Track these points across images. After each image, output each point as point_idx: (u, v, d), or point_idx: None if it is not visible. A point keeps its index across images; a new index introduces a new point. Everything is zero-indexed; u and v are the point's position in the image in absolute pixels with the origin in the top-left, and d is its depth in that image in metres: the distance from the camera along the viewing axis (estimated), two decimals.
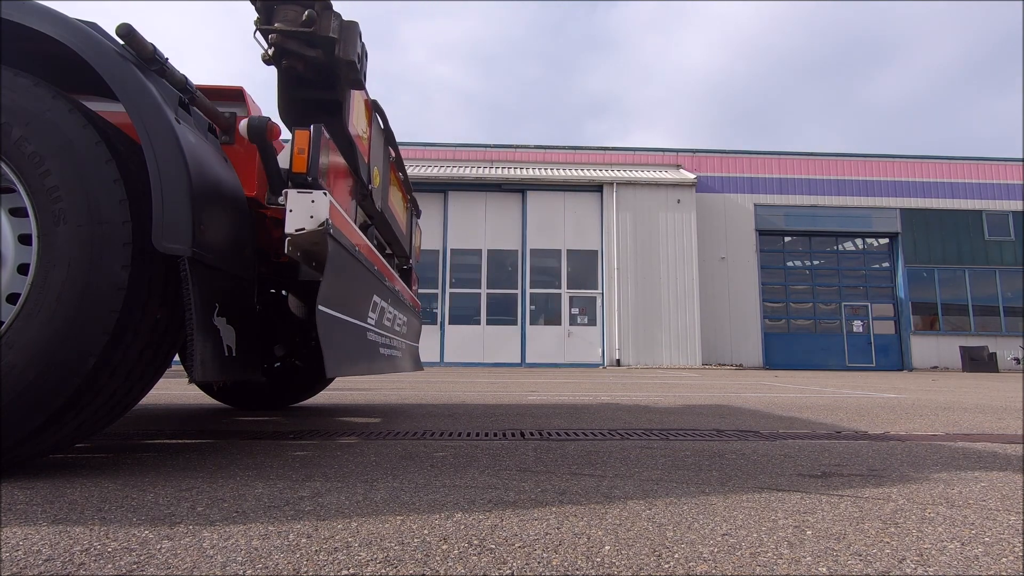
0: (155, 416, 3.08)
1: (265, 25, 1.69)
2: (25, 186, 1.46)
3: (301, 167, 1.65)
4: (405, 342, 3.28)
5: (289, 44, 1.69)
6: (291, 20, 1.68)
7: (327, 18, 1.70)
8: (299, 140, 1.66)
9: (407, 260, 3.67)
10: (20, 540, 1.02)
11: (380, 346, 2.47)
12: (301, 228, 1.61)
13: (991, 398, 5.11)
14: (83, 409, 1.49)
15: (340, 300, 1.80)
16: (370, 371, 2.22)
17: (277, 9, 1.68)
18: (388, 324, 2.70)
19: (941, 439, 2.47)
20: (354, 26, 1.77)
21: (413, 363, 3.58)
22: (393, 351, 2.84)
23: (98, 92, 1.73)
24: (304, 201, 1.62)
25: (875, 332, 18.85)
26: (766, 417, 3.31)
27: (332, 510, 1.25)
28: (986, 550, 1.04)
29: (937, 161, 19.74)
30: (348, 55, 1.76)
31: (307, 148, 1.65)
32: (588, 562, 0.95)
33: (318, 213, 1.62)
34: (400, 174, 3.15)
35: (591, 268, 17.45)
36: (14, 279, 1.50)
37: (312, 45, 1.72)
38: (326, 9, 1.70)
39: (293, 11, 1.68)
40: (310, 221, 1.61)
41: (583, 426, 2.82)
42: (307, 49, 1.72)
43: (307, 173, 1.64)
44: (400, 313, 3.04)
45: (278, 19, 1.68)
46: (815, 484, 1.56)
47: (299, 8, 1.68)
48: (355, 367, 1.94)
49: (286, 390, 3.58)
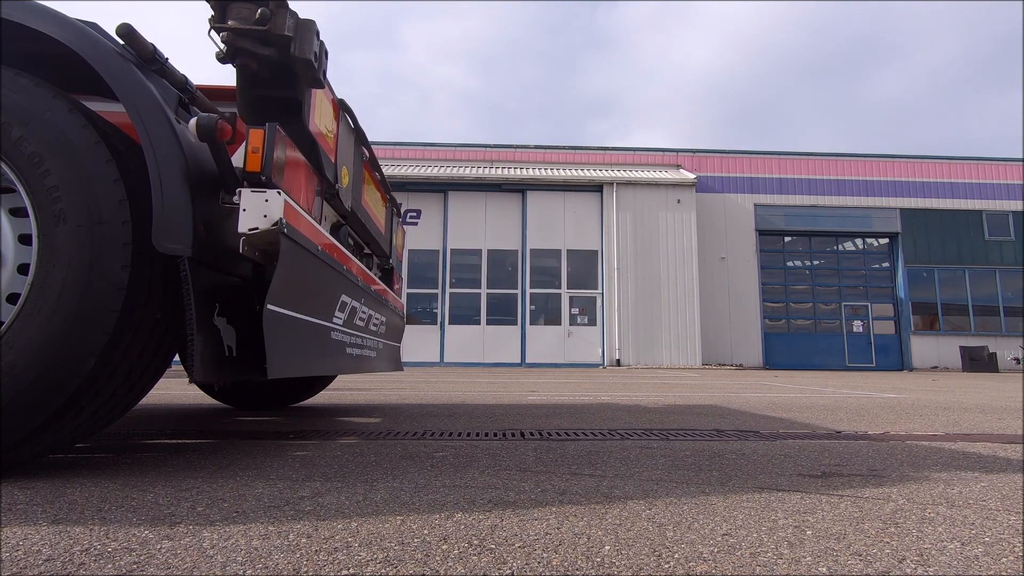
0: (155, 416, 3.08)
1: (219, 23, 1.67)
2: (25, 186, 1.46)
3: (255, 166, 1.63)
4: (382, 341, 3.27)
5: (242, 42, 1.68)
6: (244, 18, 1.67)
7: (282, 16, 1.69)
8: (253, 139, 1.64)
9: (387, 260, 3.65)
10: (20, 540, 1.02)
11: (347, 345, 2.46)
12: (255, 228, 1.59)
13: (991, 398, 5.11)
14: (83, 409, 1.49)
15: (296, 299, 1.78)
16: (332, 370, 2.21)
17: (230, 7, 1.67)
18: (361, 324, 2.69)
19: (941, 439, 2.47)
20: (310, 24, 1.76)
21: (391, 363, 3.56)
22: (365, 350, 2.83)
23: (98, 92, 1.73)
24: (258, 200, 1.61)
25: (875, 332, 18.85)
26: (766, 417, 3.31)
27: (332, 510, 1.25)
28: (986, 550, 1.04)
29: (937, 161, 19.74)
30: (304, 53, 1.75)
31: (261, 147, 1.64)
32: (588, 562, 0.95)
33: (272, 212, 1.61)
34: (376, 174, 3.14)
35: (591, 268, 17.45)
36: (14, 279, 1.50)
37: (267, 43, 1.71)
38: (281, 7, 1.68)
39: (247, 9, 1.67)
40: (264, 220, 1.60)
41: (583, 426, 2.82)
42: (261, 48, 1.70)
43: (261, 172, 1.63)
44: (377, 313, 3.02)
45: (231, 17, 1.67)
46: (815, 484, 1.56)
47: (252, 6, 1.67)
48: (309, 367, 1.93)
49: (286, 390, 3.58)
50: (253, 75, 1.77)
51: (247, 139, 1.64)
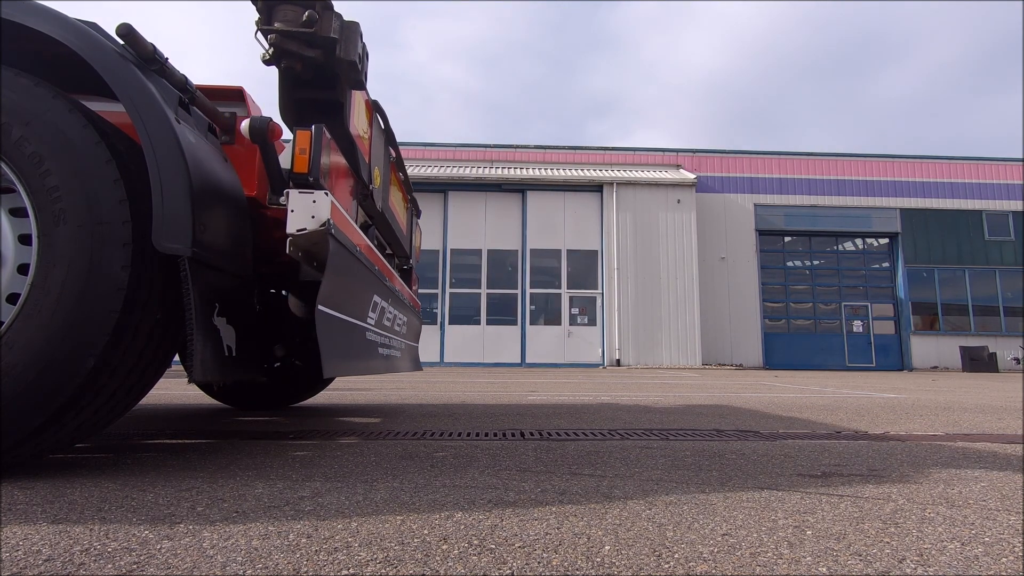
0: (155, 416, 3.08)
1: (266, 25, 1.69)
2: (25, 186, 1.46)
3: (303, 167, 1.65)
4: (405, 342, 3.29)
5: (289, 45, 1.69)
6: (291, 20, 1.68)
7: (328, 18, 1.71)
8: (300, 140, 1.66)
9: (407, 260, 3.67)
10: (20, 540, 1.02)
11: (379, 346, 2.48)
12: (303, 228, 1.61)
13: (991, 398, 5.11)
14: (83, 409, 1.49)
15: (340, 300, 1.80)
16: (368, 371, 2.22)
17: (277, 9, 1.68)
18: (388, 324, 2.71)
19: (941, 439, 2.47)
20: (355, 26, 1.78)
21: (412, 363, 3.58)
22: (392, 351, 2.85)
23: (98, 92, 1.73)
24: (305, 201, 1.63)
25: (875, 332, 18.85)
26: (766, 417, 3.31)
27: (332, 510, 1.25)
28: (986, 550, 1.04)
29: (937, 161, 19.74)
30: (349, 55, 1.76)
31: (308, 148, 1.65)
32: (588, 562, 0.95)
33: (319, 213, 1.62)
34: (400, 174, 3.16)
35: (591, 268, 17.45)
36: (14, 279, 1.50)
37: (312, 45, 1.72)
38: (327, 9, 1.70)
39: (293, 11, 1.68)
40: (311, 221, 1.61)
41: (583, 426, 2.82)
42: (307, 49, 1.72)
43: (308, 173, 1.64)
44: (400, 313, 3.05)
45: (278, 19, 1.68)
46: (815, 484, 1.56)
47: (299, 8, 1.68)
48: (353, 367, 1.95)
49: (286, 390, 3.58)
50: (296, 77, 1.78)
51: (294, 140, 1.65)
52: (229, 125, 2.19)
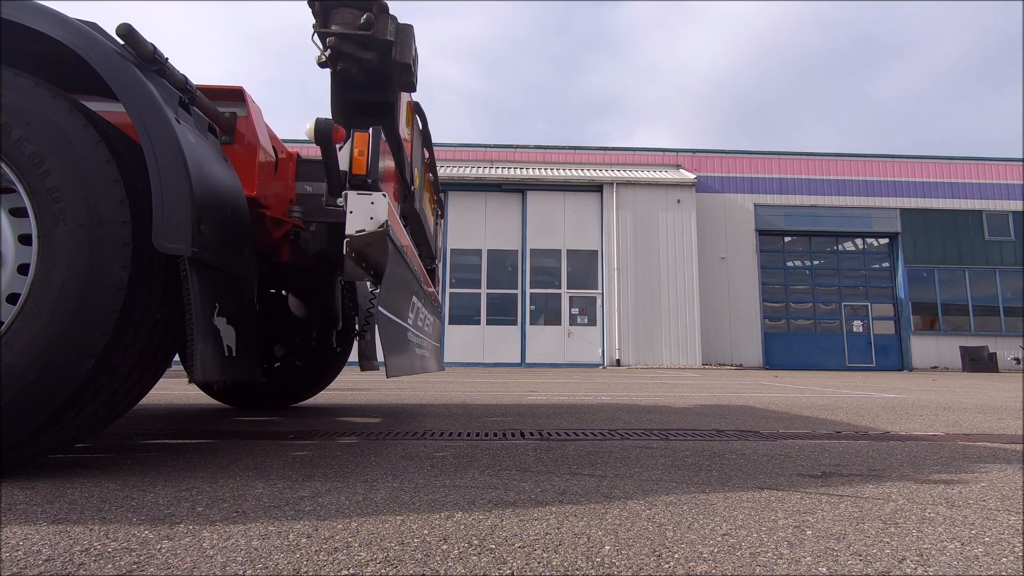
0: (155, 416, 3.08)
1: (323, 28, 1.69)
2: (25, 186, 1.46)
3: (361, 169, 1.65)
4: (431, 342, 3.31)
5: (346, 47, 1.70)
6: (348, 23, 1.69)
7: (384, 21, 1.71)
8: (359, 142, 1.66)
9: (432, 260, 3.68)
10: (20, 540, 1.02)
11: (416, 346, 2.50)
12: (361, 229, 1.61)
13: (991, 398, 5.11)
14: (83, 409, 1.49)
15: (392, 302, 1.82)
16: (410, 371, 2.25)
17: (334, 12, 1.69)
18: (420, 325, 2.73)
19: (941, 439, 2.47)
20: (409, 29, 1.79)
21: (437, 363, 3.61)
22: (424, 351, 2.87)
23: (98, 92, 1.73)
24: (364, 203, 1.62)
25: (875, 332, 18.84)
26: (766, 417, 3.31)
27: (332, 510, 1.25)
28: (986, 550, 1.04)
29: (937, 161, 19.73)
30: (404, 57, 1.77)
31: (367, 150, 1.66)
32: (588, 562, 0.95)
33: (378, 215, 1.62)
34: (431, 175, 3.17)
35: (591, 268, 17.45)
36: (14, 279, 1.50)
37: (368, 48, 1.73)
38: (383, 12, 1.71)
39: (350, 14, 1.69)
40: (370, 222, 1.61)
41: (583, 426, 2.82)
42: (363, 52, 1.72)
43: (367, 175, 1.65)
44: (430, 314, 3.07)
45: (335, 22, 1.69)
46: (815, 484, 1.56)
47: (356, 11, 1.69)
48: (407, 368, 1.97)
49: (286, 390, 3.58)
50: (348, 79, 1.79)
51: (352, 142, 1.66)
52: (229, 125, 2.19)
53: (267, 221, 2.42)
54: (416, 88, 1.94)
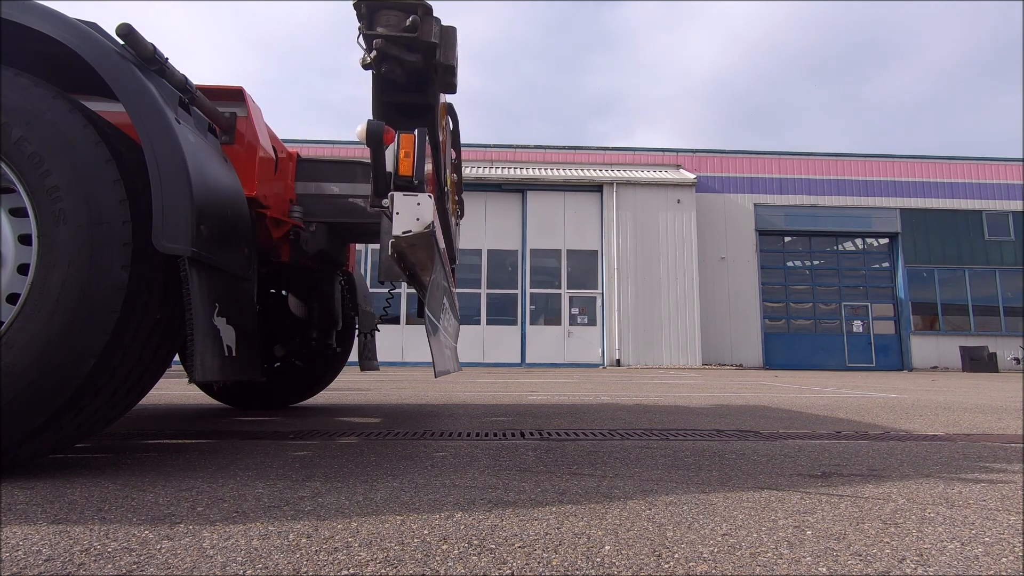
0: (155, 416, 3.08)
1: (368, 30, 1.70)
2: (25, 186, 1.46)
3: (407, 170, 1.66)
4: (453, 343, 3.34)
5: (392, 49, 1.70)
6: (394, 25, 1.69)
7: (429, 23, 1.72)
8: (405, 144, 1.67)
9: (453, 261, 3.71)
10: (20, 540, 1.02)
11: (445, 347, 2.54)
12: (407, 230, 1.62)
13: (991, 398, 5.11)
14: (83, 409, 1.49)
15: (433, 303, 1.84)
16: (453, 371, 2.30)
17: (380, 14, 1.69)
18: (447, 325, 2.77)
19: (941, 439, 2.47)
20: (453, 31, 1.79)
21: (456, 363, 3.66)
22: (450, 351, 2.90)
23: (98, 92, 1.73)
24: (410, 204, 1.63)
25: (875, 332, 18.84)
26: (766, 417, 3.31)
27: (332, 510, 1.25)
28: (986, 550, 1.04)
29: (937, 161, 19.73)
30: (448, 59, 1.78)
31: (412, 152, 1.66)
32: (588, 562, 0.95)
33: (423, 216, 1.63)
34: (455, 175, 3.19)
35: (591, 268, 17.45)
36: (14, 279, 1.50)
37: (412, 50, 1.73)
38: (427, 14, 1.71)
39: (396, 16, 1.70)
40: (416, 224, 1.62)
41: (583, 426, 2.82)
42: (407, 54, 1.73)
43: (413, 176, 1.65)
44: (453, 315, 3.11)
45: (380, 24, 1.69)
46: (815, 484, 1.56)
47: (401, 13, 1.70)
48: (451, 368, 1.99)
49: (286, 390, 3.58)
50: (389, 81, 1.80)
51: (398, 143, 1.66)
52: (229, 125, 2.19)
53: (267, 221, 2.42)
54: (456, 90, 1.95)
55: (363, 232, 3.05)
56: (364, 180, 2.73)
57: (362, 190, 2.72)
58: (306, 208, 2.63)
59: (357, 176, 2.71)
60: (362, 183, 2.72)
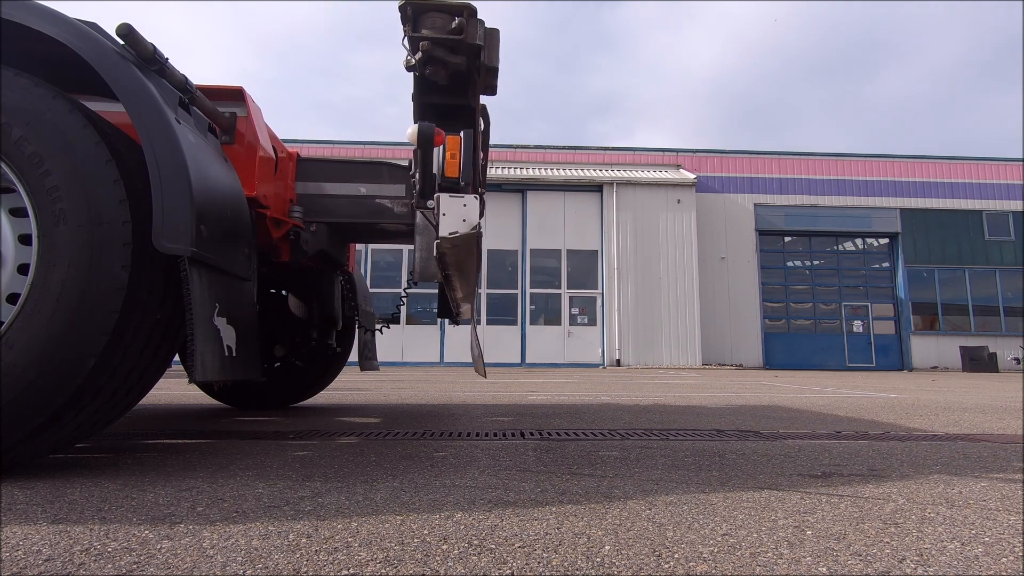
0: (155, 416, 3.08)
1: (414, 33, 1.70)
2: (25, 186, 1.46)
3: (454, 172, 1.67)
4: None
5: (437, 51, 1.71)
6: (439, 27, 1.70)
7: (473, 26, 1.72)
8: (451, 145, 1.67)
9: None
10: (20, 540, 1.02)
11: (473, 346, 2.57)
12: (454, 231, 1.63)
13: (991, 398, 5.11)
14: (83, 409, 1.49)
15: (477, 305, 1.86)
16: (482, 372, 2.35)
17: (425, 16, 1.70)
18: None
19: (941, 439, 2.47)
20: (496, 33, 1.79)
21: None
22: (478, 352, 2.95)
23: (98, 92, 1.73)
24: (457, 205, 1.64)
25: (875, 332, 18.83)
26: (766, 417, 3.31)
27: (332, 510, 1.25)
28: (986, 550, 1.04)
29: (937, 161, 19.73)
30: (492, 61, 1.78)
31: (458, 153, 1.67)
32: (588, 562, 0.95)
33: (470, 217, 1.64)
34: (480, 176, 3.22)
35: (591, 268, 17.45)
36: (14, 279, 1.50)
37: (456, 52, 1.74)
38: (472, 16, 1.71)
39: (441, 19, 1.70)
40: (462, 224, 1.63)
41: (583, 426, 2.82)
42: (451, 56, 1.73)
43: (459, 177, 1.66)
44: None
45: (426, 26, 1.70)
46: (815, 484, 1.56)
47: (447, 15, 1.70)
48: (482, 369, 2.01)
49: (286, 390, 3.58)
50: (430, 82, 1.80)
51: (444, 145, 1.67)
52: (229, 125, 2.19)
53: (267, 221, 2.42)
54: (496, 92, 1.95)
55: (363, 232, 3.05)
56: (364, 180, 2.73)
57: (362, 190, 2.72)
58: (306, 208, 2.64)
59: (357, 176, 2.71)
60: (362, 183, 2.72)
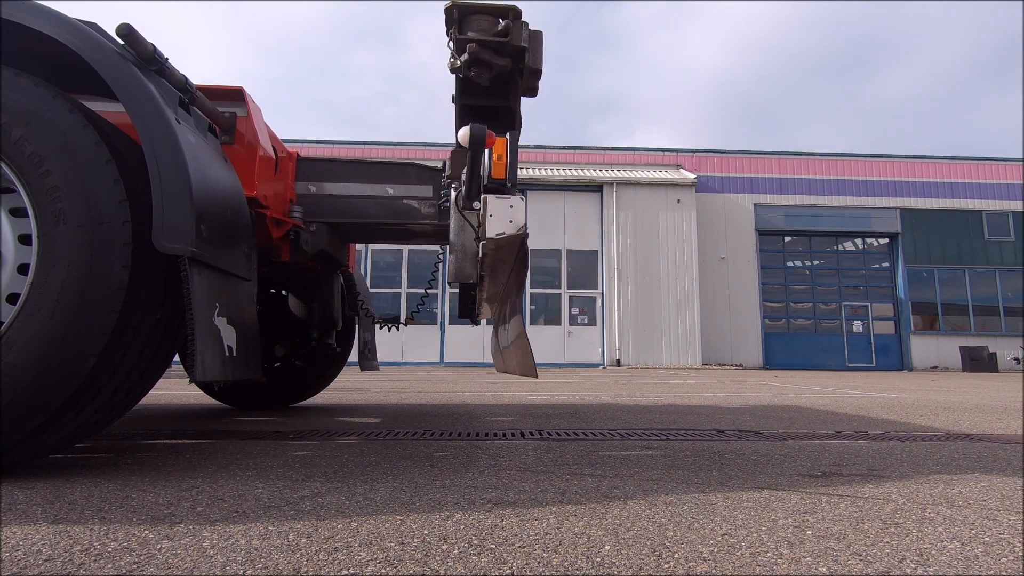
0: (155, 416, 3.08)
1: (460, 35, 1.70)
2: (25, 186, 1.46)
3: (500, 173, 1.68)
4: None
5: (482, 53, 1.71)
6: (485, 30, 1.70)
7: (518, 28, 1.73)
8: (498, 147, 1.68)
9: None
10: (20, 540, 1.02)
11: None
12: (501, 232, 1.64)
13: (991, 398, 5.11)
14: (83, 409, 1.49)
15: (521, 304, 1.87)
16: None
17: (470, 19, 1.70)
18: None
19: (941, 439, 2.47)
20: (540, 35, 1.80)
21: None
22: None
23: (98, 92, 1.73)
24: (503, 206, 1.65)
25: (875, 332, 18.84)
26: (766, 417, 3.31)
27: (332, 510, 1.25)
28: (986, 550, 1.04)
29: (937, 161, 19.73)
30: (536, 64, 1.78)
31: (505, 155, 1.67)
32: (588, 562, 0.95)
33: (516, 218, 1.65)
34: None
35: (591, 268, 17.45)
36: (14, 279, 1.50)
37: (501, 54, 1.74)
38: (517, 19, 1.72)
39: (487, 21, 1.70)
40: (509, 225, 1.64)
41: (583, 426, 2.82)
42: (496, 58, 1.74)
43: (506, 179, 1.67)
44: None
45: (471, 29, 1.70)
46: (815, 484, 1.56)
47: (492, 18, 1.70)
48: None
49: (286, 390, 3.58)
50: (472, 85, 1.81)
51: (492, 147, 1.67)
52: (229, 125, 2.19)
53: (267, 221, 2.42)
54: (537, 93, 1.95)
55: (363, 232, 3.05)
56: (363, 180, 2.73)
57: (361, 190, 2.72)
58: (306, 208, 2.64)
59: (357, 176, 2.71)
60: (361, 183, 2.72)
